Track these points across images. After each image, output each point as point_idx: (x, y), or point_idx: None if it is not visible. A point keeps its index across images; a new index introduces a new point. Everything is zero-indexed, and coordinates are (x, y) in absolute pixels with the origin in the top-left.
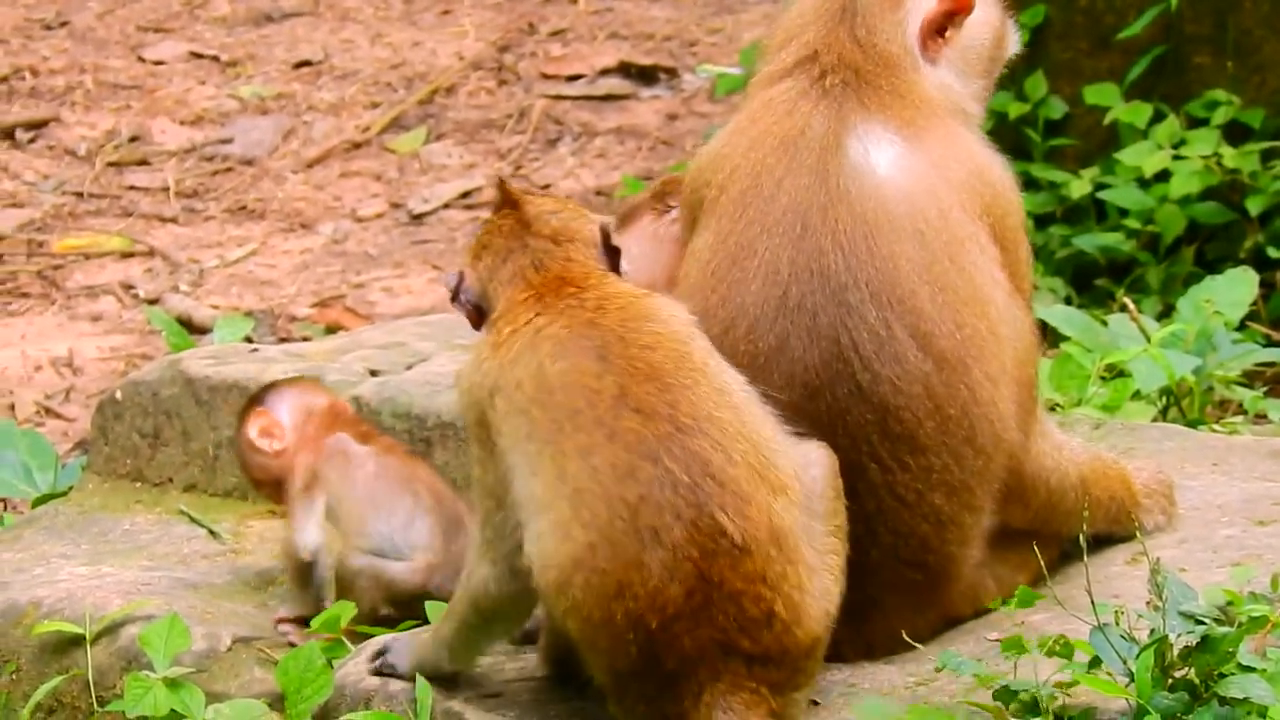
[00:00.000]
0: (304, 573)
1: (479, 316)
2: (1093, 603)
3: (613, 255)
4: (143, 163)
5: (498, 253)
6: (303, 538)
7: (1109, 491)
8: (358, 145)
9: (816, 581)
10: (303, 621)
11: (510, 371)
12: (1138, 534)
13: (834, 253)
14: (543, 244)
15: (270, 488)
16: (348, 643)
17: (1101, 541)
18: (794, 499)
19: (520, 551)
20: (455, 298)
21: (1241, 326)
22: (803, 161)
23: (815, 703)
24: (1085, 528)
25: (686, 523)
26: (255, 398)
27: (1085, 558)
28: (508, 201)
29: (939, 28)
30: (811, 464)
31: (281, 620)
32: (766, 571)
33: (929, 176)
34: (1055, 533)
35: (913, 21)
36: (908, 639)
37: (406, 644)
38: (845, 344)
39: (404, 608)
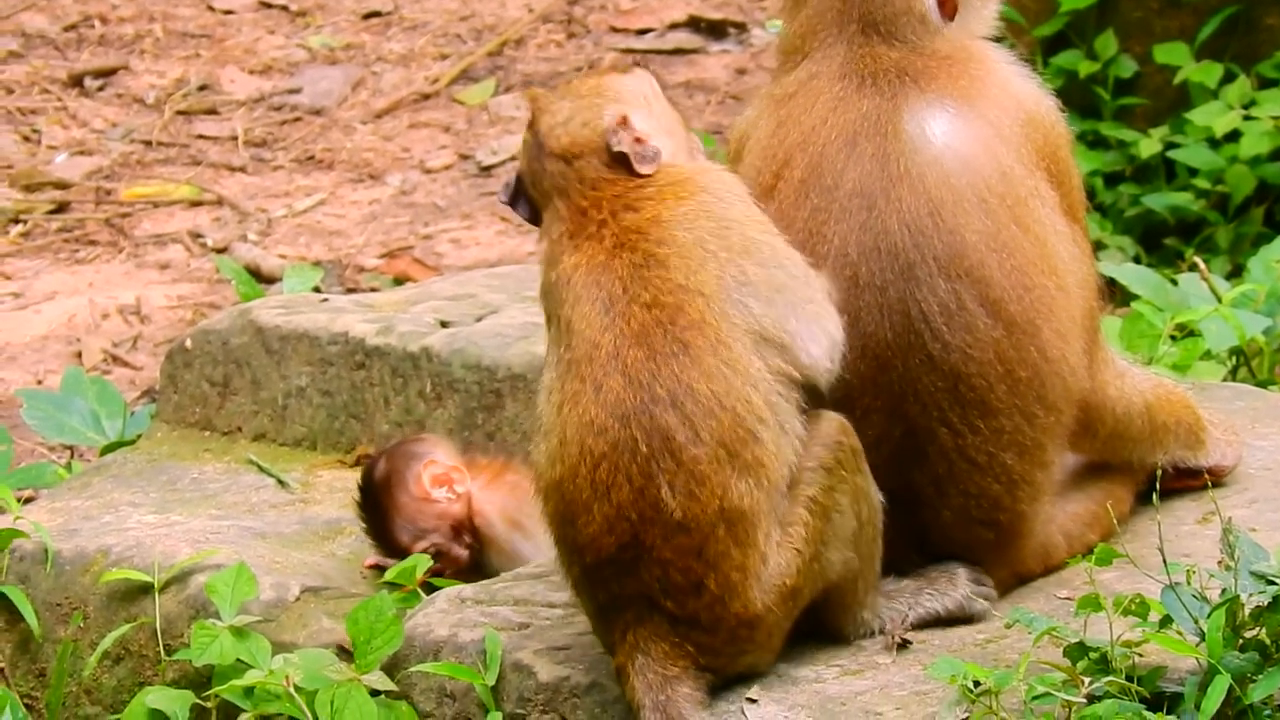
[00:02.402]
0: None
1: (536, 216)
2: (1164, 561)
3: (623, 162)
4: (211, 112)
5: (530, 170)
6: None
7: (1175, 416)
8: (426, 96)
9: (771, 563)
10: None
11: (551, 303)
12: (1207, 485)
13: (900, 231)
14: (557, 166)
15: (447, 533)
16: (422, 594)
17: (1171, 498)
18: (766, 477)
19: None
20: (513, 202)
21: None
22: (863, 151)
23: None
24: (1155, 453)
25: (635, 489)
26: (405, 454)
27: (1158, 516)
28: (531, 112)
29: None
30: (818, 432)
31: (373, 565)
32: (704, 549)
33: (985, 139)
34: (1125, 462)
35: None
36: (978, 598)
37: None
38: (915, 316)
39: None
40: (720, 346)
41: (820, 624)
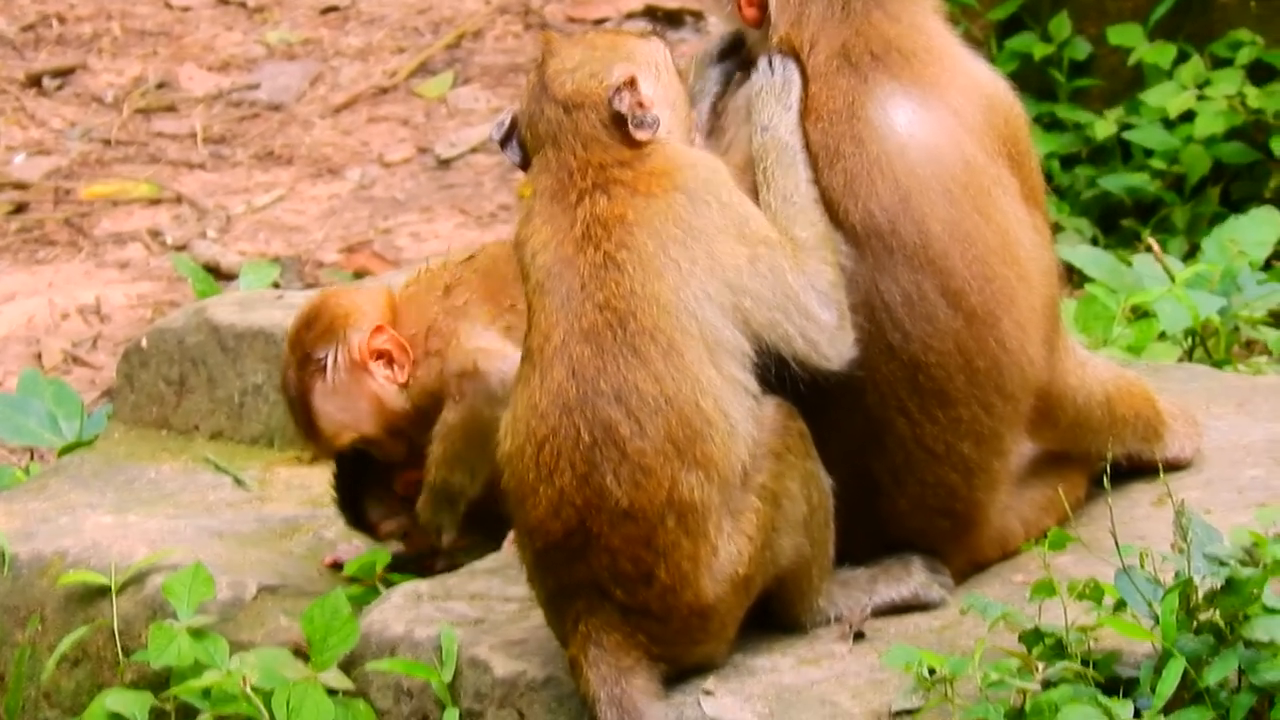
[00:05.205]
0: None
1: (525, 162)
2: (1117, 545)
3: (619, 125)
4: (170, 109)
5: (528, 111)
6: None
7: (1134, 409)
8: (385, 90)
9: (722, 553)
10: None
11: (521, 265)
12: (1160, 469)
13: (880, 215)
14: (556, 113)
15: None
16: (382, 589)
17: (1126, 482)
18: (716, 472)
19: None
20: (504, 142)
21: (1266, 266)
22: (843, 132)
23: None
24: (1112, 445)
25: (578, 475)
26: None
27: (1109, 500)
28: (541, 53)
29: None
30: (765, 418)
31: (331, 563)
32: (653, 538)
33: (949, 128)
34: (1084, 452)
35: None
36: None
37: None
38: (878, 306)
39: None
40: (671, 353)
41: (776, 614)
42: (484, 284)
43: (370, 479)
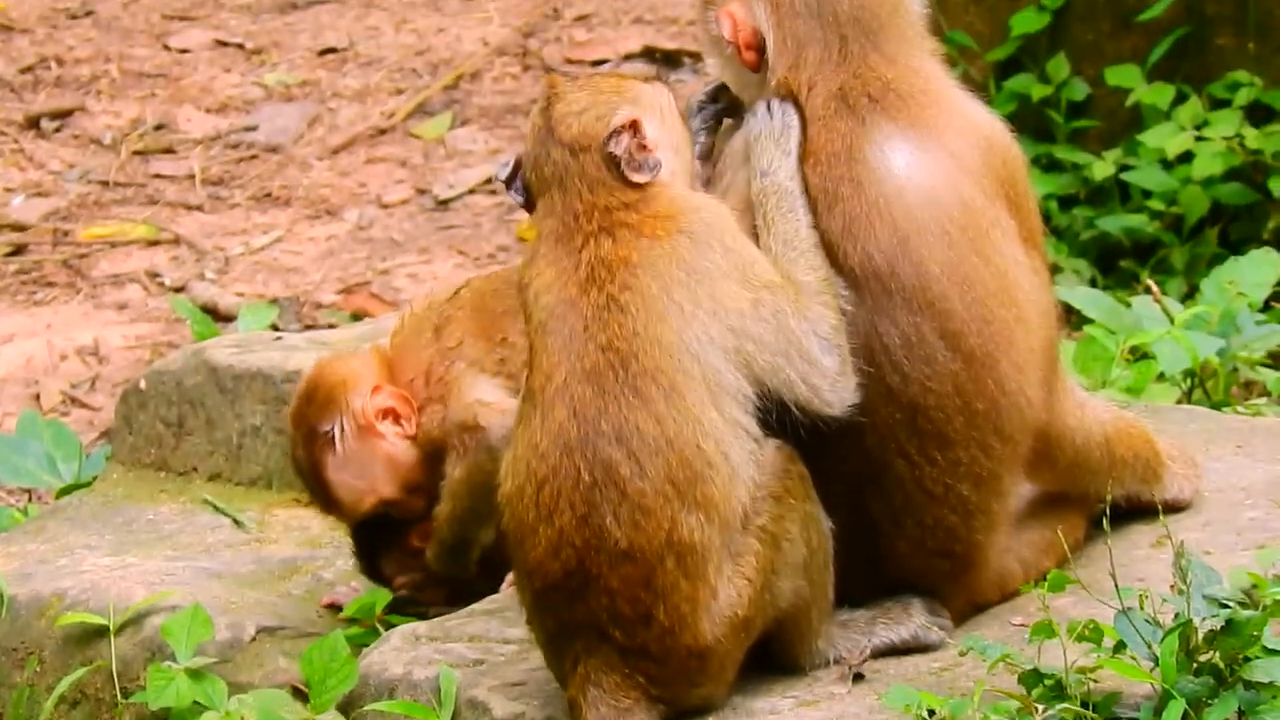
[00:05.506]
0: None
1: (530, 204)
2: (1117, 587)
3: (611, 165)
4: (168, 151)
5: (533, 154)
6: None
7: (1133, 450)
8: (383, 131)
9: (721, 595)
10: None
11: (524, 306)
12: (1159, 510)
13: (879, 258)
14: (562, 155)
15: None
16: (381, 630)
17: (1126, 524)
18: (716, 514)
19: None
20: (509, 185)
21: (1265, 307)
22: (841, 175)
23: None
24: (1111, 486)
25: (577, 515)
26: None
27: (1108, 541)
28: (546, 95)
29: None
30: (765, 461)
31: (329, 604)
32: (652, 579)
33: (947, 170)
34: (1083, 493)
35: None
36: (932, 626)
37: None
38: (877, 348)
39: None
40: (674, 395)
41: (775, 655)
42: (474, 320)
43: (385, 532)
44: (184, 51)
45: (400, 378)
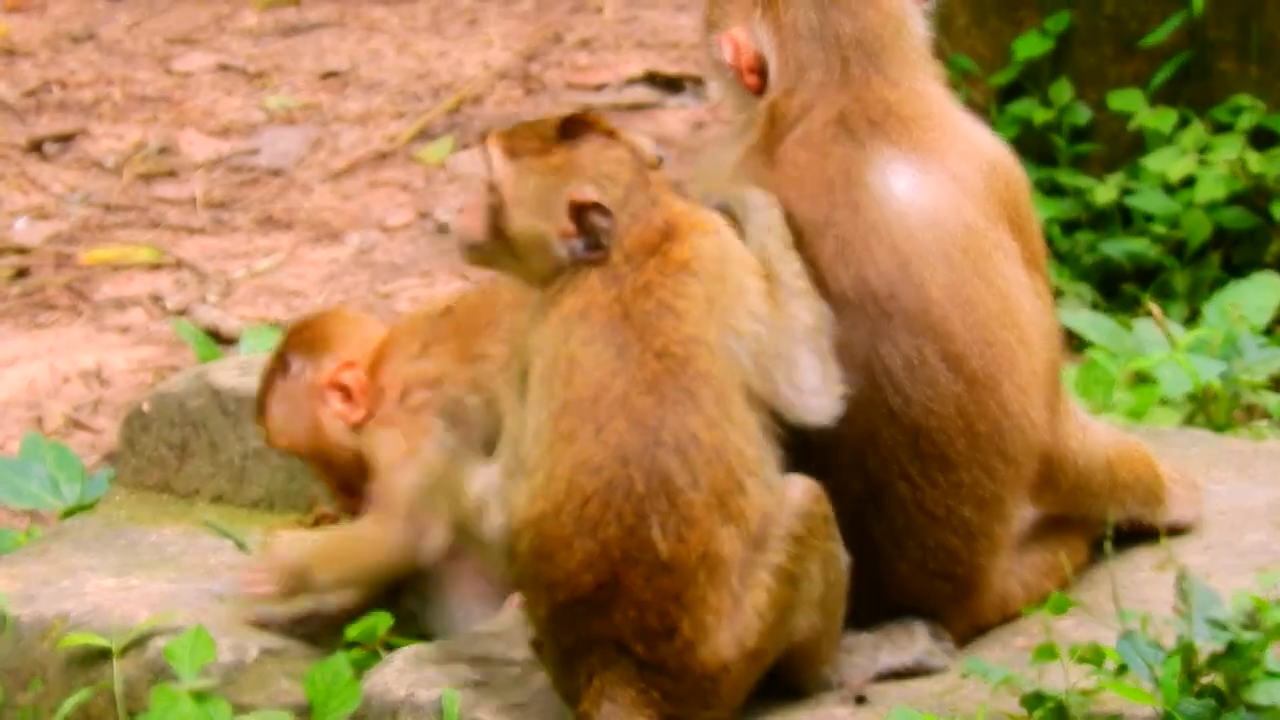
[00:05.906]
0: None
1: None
2: (1119, 609)
3: (580, 225)
4: (170, 174)
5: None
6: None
7: (1135, 473)
8: (385, 155)
9: (739, 613)
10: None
11: (552, 340)
12: (1161, 533)
13: (877, 281)
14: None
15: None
16: (382, 653)
17: (1128, 547)
18: (744, 530)
19: None
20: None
21: (1268, 331)
22: (835, 200)
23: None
24: (1113, 510)
25: (625, 527)
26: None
27: (1110, 564)
28: (562, 134)
29: None
30: (790, 500)
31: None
32: (683, 592)
33: (949, 193)
34: (1085, 516)
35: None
36: (935, 649)
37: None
38: (879, 370)
39: None
40: (722, 399)
41: (780, 676)
42: (459, 342)
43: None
44: (186, 75)
45: (380, 374)
